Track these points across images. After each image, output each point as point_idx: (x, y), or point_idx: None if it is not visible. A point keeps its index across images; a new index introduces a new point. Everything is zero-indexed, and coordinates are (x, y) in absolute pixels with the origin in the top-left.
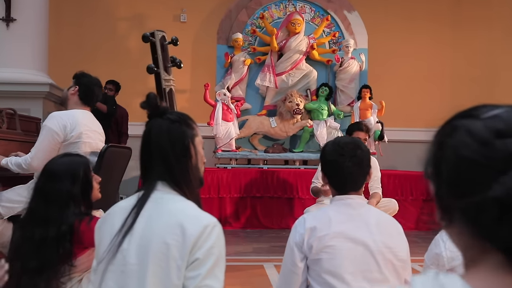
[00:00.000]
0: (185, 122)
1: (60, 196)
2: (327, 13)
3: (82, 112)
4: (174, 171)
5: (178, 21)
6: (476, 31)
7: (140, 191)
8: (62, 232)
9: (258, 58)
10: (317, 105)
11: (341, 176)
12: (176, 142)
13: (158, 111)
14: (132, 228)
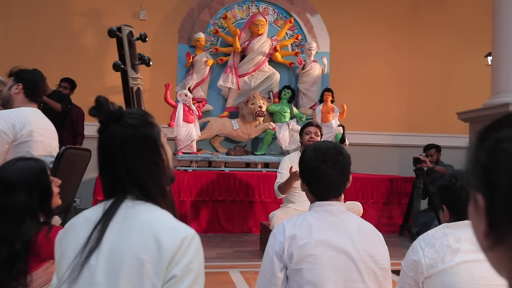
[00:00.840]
0: (148, 124)
1: (14, 211)
2: (290, 16)
3: (31, 109)
4: (145, 182)
5: (137, 18)
6: (432, 36)
7: (107, 200)
8: (16, 252)
9: (220, 58)
10: (280, 108)
11: (323, 183)
12: (145, 149)
13: (113, 116)
14: (100, 242)
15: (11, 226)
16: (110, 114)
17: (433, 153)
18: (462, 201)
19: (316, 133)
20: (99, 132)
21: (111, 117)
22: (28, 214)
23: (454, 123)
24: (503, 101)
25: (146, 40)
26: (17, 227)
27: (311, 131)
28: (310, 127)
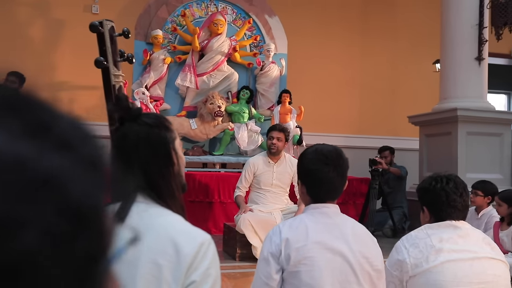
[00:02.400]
0: (163, 126)
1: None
2: (249, 16)
3: None
4: (156, 182)
5: (89, 12)
6: (382, 40)
7: (115, 203)
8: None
9: (178, 57)
10: (239, 108)
11: (324, 186)
12: (157, 150)
13: (131, 114)
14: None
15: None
16: (128, 112)
17: (387, 154)
18: (442, 203)
19: (278, 138)
20: (114, 129)
21: (129, 115)
22: None
23: (404, 126)
24: (451, 106)
25: (129, 36)
26: None
27: (273, 136)
28: (274, 131)
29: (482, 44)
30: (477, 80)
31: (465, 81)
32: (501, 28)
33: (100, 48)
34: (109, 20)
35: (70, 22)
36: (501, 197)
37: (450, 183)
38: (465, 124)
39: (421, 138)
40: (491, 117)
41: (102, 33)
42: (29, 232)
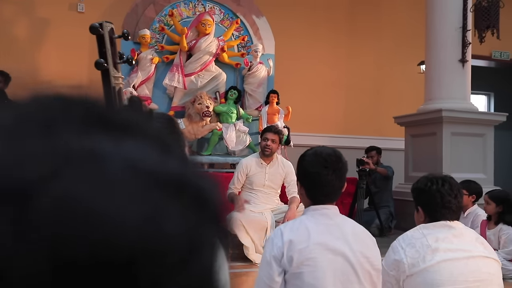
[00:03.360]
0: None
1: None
2: (237, 17)
3: None
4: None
5: (75, 10)
6: (367, 42)
7: None
8: None
9: (166, 57)
10: (227, 108)
11: (323, 188)
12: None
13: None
14: None
15: None
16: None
17: (374, 154)
18: (437, 204)
19: (273, 140)
20: None
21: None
22: None
23: (389, 126)
24: (436, 107)
25: (129, 38)
26: None
27: (268, 137)
28: (269, 133)
29: (465, 47)
30: (461, 81)
31: (449, 83)
32: (484, 31)
33: (100, 50)
34: (108, 22)
35: (55, 21)
36: (490, 196)
37: (445, 184)
38: (449, 124)
39: (407, 138)
40: (475, 118)
41: (102, 35)
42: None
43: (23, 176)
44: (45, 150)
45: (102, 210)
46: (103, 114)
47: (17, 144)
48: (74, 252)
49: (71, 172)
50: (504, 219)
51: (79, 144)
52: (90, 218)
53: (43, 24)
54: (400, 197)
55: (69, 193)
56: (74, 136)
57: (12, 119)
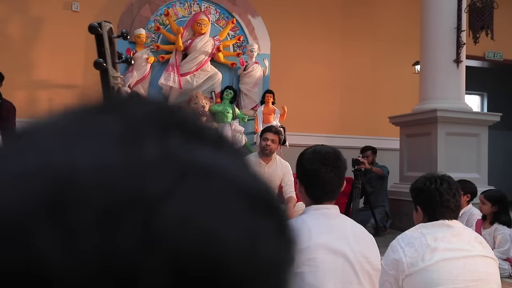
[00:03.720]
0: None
1: None
2: (232, 16)
3: None
4: None
5: (70, 9)
6: (362, 41)
7: None
8: None
9: (162, 56)
10: (222, 108)
11: (321, 186)
12: None
13: None
14: None
15: None
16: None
17: (369, 154)
18: (436, 203)
19: (273, 140)
20: None
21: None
22: None
23: (383, 126)
24: (431, 107)
25: (128, 37)
26: None
27: (268, 137)
28: (269, 133)
29: (460, 47)
30: (455, 82)
31: (444, 83)
32: (478, 31)
33: (99, 50)
34: (107, 22)
35: (49, 19)
36: (485, 196)
37: (444, 183)
38: (444, 124)
39: (402, 138)
40: (469, 118)
41: (101, 35)
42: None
43: (148, 186)
44: (162, 161)
45: (216, 228)
46: (198, 127)
47: (133, 152)
48: (194, 268)
49: (188, 187)
50: (499, 219)
51: (190, 157)
52: (208, 235)
53: (37, 23)
54: (395, 197)
55: (189, 208)
56: (184, 149)
57: (122, 125)
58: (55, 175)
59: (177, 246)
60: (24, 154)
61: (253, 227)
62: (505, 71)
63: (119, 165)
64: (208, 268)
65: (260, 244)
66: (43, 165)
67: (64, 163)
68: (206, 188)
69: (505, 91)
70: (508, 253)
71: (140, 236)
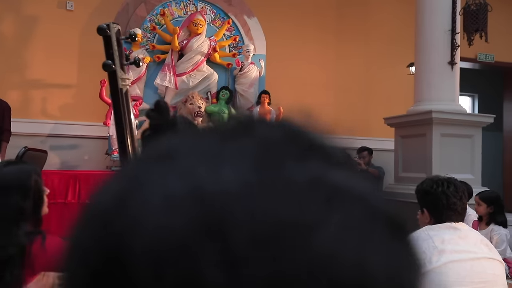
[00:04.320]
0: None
1: (8, 213)
2: (228, 17)
3: None
4: None
5: (64, 8)
6: (355, 43)
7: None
8: (10, 255)
9: (157, 56)
10: (219, 108)
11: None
12: None
13: (170, 122)
14: None
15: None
16: (168, 120)
17: (365, 155)
18: (443, 206)
19: None
20: (149, 136)
21: (168, 123)
22: (21, 218)
23: (377, 127)
24: (426, 108)
25: (136, 39)
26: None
27: None
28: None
29: (454, 49)
30: (450, 83)
31: (438, 84)
32: (473, 34)
33: (107, 52)
34: (115, 23)
35: (43, 18)
36: (481, 197)
37: (450, 186)
38: (439, 126)
39: (397, 139)
40: (464, 120)
41: (109, 36)
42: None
43: (302, 213)
44: (310, 185)
45: (365, 258)
46: (331, 148)
47: (280, 176)
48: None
49: (336, 213)
50: (495, 220)
51: (333, 181)
52: (358, 267)
53: (31, 21)
54: (390, 198)
55: (339, 236)
56: (325, 172)
57: (260, 148)
58: (208, 199)
59: (330, 277)
60: (174, 177)
61: (396, 254)
62: (496, 73)
63: (270, 189)
64: None
65: (403, 271)
66: (194, 189)
67: (215, 187)
68: (351, 214)
69: (496, 92)
70: (504, 253)
71: (301, 262)
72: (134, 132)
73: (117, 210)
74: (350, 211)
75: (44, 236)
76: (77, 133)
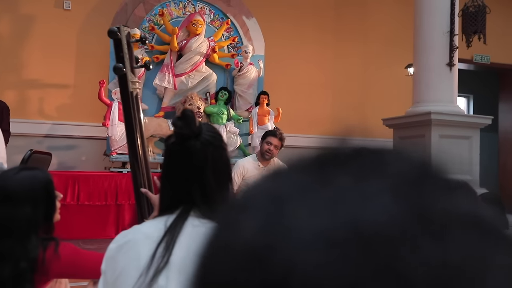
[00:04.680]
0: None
1: (19, 226)
2: (227, 17)
3: None
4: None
5: (61, 8)
6: (353, 42)
7: (166, 216)
8: (22, 270)
9: (156, 57)
10: (217, 109)
11: None
12: (220, 171)
13: (196, 132)
14: (168, 261)
15: (15, 243)
16: (194, 130)
17: None
18: None
19: (276, 146)
20: (173, 144)
21: (193, 133)
22: (33, 229)
23: (374, 128)
24: (425, 110)
25: (146, 42)
26: (21, 244)
27: (272, 142)
28: (273, 138)
29: (453, 51)
30: (448, 85)
31: (437, 86)
32: (471, 36)
33: (117, 54)
34: (125, 26)
35: (40, 18)
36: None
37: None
38: (438, 127)
39: (395, 140)
40: (462, 121)
41: (120, 39)
42: None
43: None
44: (464, 217)
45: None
46: (447, 176)
47: (432, 217)
48: None
49: (500, 251)
50: None
51: (487, 217)
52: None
53: (28, 21)
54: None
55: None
56: (477, 208)
57: (391, 184)
58: (368, 241)
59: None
60: (325, 211)
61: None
62: (491, 74)
63: (432, 232)
64: None
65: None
66: (350, 226)
67: (372, 228)
68: (507, 253)
69: (491, 93)
70: None
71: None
72: (144, 135)
73: (269, 247)
74: (506, 250)
75: (57, 242)
76: (74, 134)
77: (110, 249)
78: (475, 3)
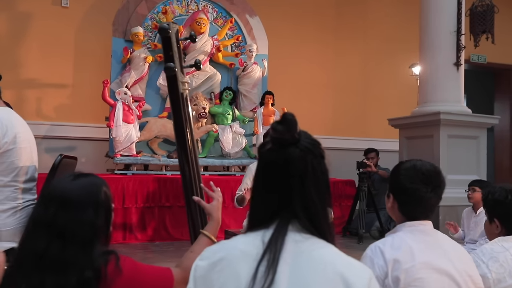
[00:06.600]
0: (322, 153)
1: (83, 231)
2: (230, 15)
3: (4, 110)
4: (318, 214)
5: (59, 5)
6: (353, 41)
7: (263, 230)
8: (86, 280)
9: (159, 55)
10: (223, 109)
11: (420, 205)
12: (320, 180)
13: (295, 138)
14: (273, 281)
15: (80, 250)
16: (294, 136)
17: (374, 156)
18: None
19: None
20: (269, 151)
21: (295, 138)
22: (96, 236)
23: (375, 128)
24: (433, 110)
25: (196, 40)
26: (86, 252)
27: None
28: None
29: (460, 50)
30: (455, 84)
31: (444, 86)
32: (479, 35)
33: (166, 53)
34: (174, 23)
35: (38, 15)
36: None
37: None
38: (446, 127)
39: (401, 140)
40: (470, 121)
41: (169, 37)
42: None
43: None
44: None
45: None
46: None
47: None
48: None
49: None
50: None
51: None
52: None
53: (25, 19)
54: None
55: None
56: None
57: None
58: None
59: None
60: None
61: None
62: (487, 74)
63: None
64: None
65: None
66: None
67: None
68: None
69: (487, 93)
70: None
71: None
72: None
73: None
74: None
75: (117, 256)
76: (73, 135)
77: (199, 266)
78: (483, 3)
